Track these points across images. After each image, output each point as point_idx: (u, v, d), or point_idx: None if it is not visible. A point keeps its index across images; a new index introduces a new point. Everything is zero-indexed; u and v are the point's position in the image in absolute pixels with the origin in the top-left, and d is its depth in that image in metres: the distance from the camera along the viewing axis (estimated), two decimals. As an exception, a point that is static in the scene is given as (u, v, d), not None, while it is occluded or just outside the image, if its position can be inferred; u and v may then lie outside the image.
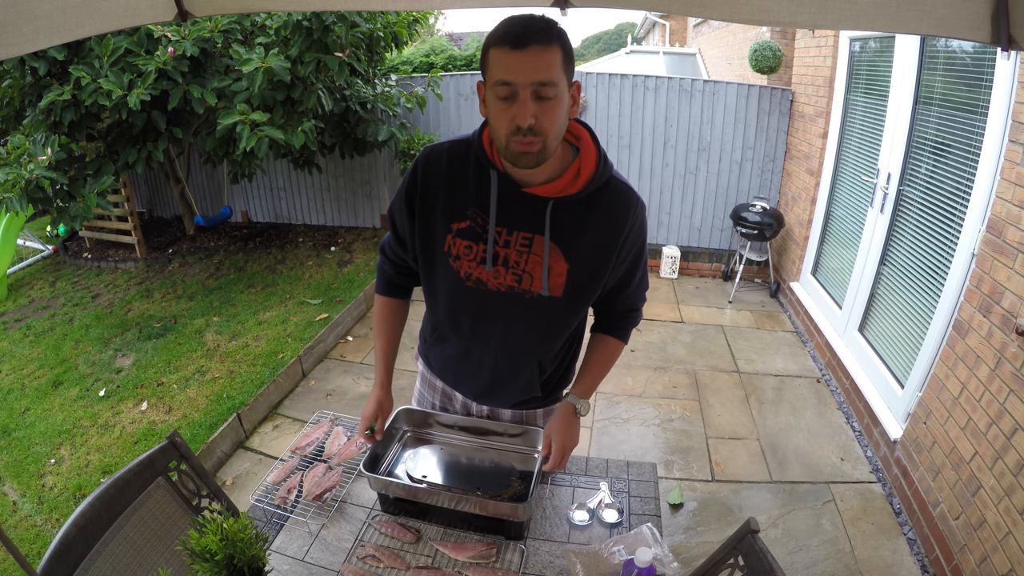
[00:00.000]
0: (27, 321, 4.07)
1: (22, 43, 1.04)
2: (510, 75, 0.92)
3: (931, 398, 2.29)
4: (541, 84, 0.92)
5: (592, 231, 1.10)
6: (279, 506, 1.34)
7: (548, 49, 0.91)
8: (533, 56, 0.91)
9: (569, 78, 0.97)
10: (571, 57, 0.97)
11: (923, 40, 2.67)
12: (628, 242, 1.13)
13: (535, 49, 0.91)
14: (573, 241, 1.10)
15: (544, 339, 1.23)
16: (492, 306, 1.17)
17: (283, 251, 5.11)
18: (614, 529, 1.30)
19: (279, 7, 1.76)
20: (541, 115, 0.94)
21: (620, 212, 1.10)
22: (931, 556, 2.13)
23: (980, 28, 0.98)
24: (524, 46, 0.90)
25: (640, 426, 2.93)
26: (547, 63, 0.92)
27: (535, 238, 1.09)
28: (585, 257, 1.11)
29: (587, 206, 1.09)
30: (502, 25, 0.94)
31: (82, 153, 3.97)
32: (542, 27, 0.92)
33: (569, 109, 1.00)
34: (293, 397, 3.20)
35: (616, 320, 1.31)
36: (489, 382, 1.32)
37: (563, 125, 1.00)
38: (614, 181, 1.11)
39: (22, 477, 2.55)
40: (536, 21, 0.93)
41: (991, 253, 2.01)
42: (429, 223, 1.15)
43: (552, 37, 0.92)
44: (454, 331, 1.27)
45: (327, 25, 3.56)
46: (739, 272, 4.45)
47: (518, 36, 0.91)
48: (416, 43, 10.09)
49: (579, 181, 1.07)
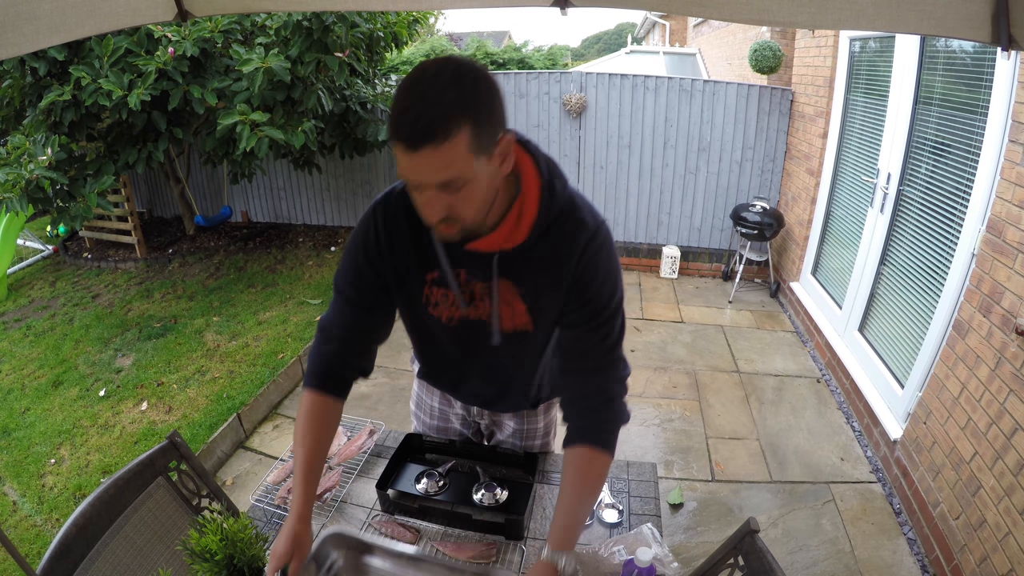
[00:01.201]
0: (27, 321, 4.07)
1: (22, 43, 1.05)
2: (409, 175, 0.82)
3: (931, 398, 2.29)
4: (446, 181, 0.81)
5: (537, 272, 1.01)
6: (279, 506, 1.34)
7: (449, 143, 0.77)
8: (427, 157, 0.78)
9: (489, 146, 0.83)
10: (488, 122, 0.81)
11: (923, 40, 2.67)
12: (581, 280, 1.00)
13: (428, 150, 0.78)
14: (525, 281, 1.03)
15: (524, 365, 1.24)
16: (476, 342, 1.11)
17: (283, 251, 5.11)
18: (614, 529, 1.30)
19: (279, 7, 1.76)
20: (453, 204, 0.84)
21: (566, 250, 0.99)
22: (931, 556, 2.13)
23: (980, 28, 0.98)
24: (416, 148, 0.78)
25: (640, 426, 2.93)
26: (445, 163, 0.79)
27: (491, 284, 1.03)
28: (538, 297, 1.04)
29: (534, 249, 0.99)
30: (398, 101, 0.79)
31: (82, 153, 3.97)
32: (437, 116, 0.77)
33: (499, 172, 0.88)
34: (293, 397, 3.20)
35: (587, 415, 1.07)
36: (482, 401, 1.39)
37: (487, 198, 0.89)
38: (567, 218, 0.98)
39: (22, 477, 2.55)
40: (432, 107, 0.77)
41: (991, 253, 2.01)
42: (403, 277, 1.08)
43: (454, 123, 0.77)
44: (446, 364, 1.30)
45: (327, 25, 3.56)
46: (739, 272, 4.45)
47: (408, 137, 0.78)
48: (416, 43, 10.08)
49: (522, 227, 0.96)
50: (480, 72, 0.82)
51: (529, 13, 77.09)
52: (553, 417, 1.50)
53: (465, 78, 0.80)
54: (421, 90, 0.79)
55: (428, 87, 0.79)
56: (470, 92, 0.80)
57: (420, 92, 0.79)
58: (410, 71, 0.82)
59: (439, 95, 0.78)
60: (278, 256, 5.00)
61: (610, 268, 1.02)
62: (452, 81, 0.79)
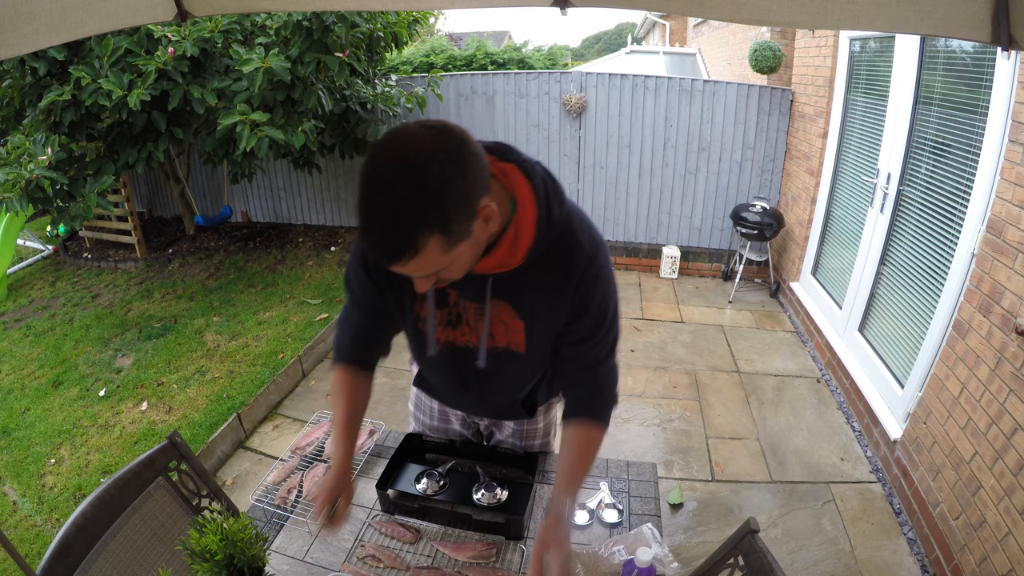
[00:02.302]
0: (27, 321, 4.07)
1: (22, 43, 1.05)
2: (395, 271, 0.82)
3: (931, 398, 2.29)
4: (427, 275, 0.84)
5: (534, 293, 1.02)
6: (279, 506, 1.34)
7: (417, 256, 0.77)
8: (403, 267, 0.79)
9: (466, 234, 0.80)
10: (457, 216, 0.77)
11: (923, 40, 2.67)
12: (581, 303, 1.02)
13: (401, 263, 0.78)
14: (521, 302, 1.04)
15: (517, 386, 1.25)
16: (463, 363, 1.13)
17: (283, 251, 5.11)
18: (614, 529, 1.30)
19: (279, 7, 1.76)
20: (444, 276, 0.87)
21: (562, 274, 0.99)
22: (931, 556, 2.13)
23: (980, 28, 0.98)
24: (391, 264, 0.78)
25: (640, 426, 2.93)
26: (421, 265, 0.79)
27: (485, 306, 1.04)
28: (537, 316, 1.05)
29: (530, 271, 0.98)
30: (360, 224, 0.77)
31: (82, 153, 3.97)
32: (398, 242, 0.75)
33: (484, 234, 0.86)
34: (293, 397, 3.20)
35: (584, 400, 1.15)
36: (479, 410, 1.40)
37: (472, 260, 0.90)
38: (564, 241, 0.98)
39: (22, 477, 2.55)
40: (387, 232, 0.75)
41: (991, 253, 2.01)
42: (397, 294, 1.09)
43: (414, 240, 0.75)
44: (438, 378, 1.30)
45: (327, 25, 3.56)
46: (739, 272, 4.45)
47: (380, 258, 0.78)
48: (416, 43, 10.09)
49: (518, 250, 0.94)
50: (441, 158, 0.74)
51: (529, 13, 76.95)
52: (553, 417, 1.50)
53: (425, 182, 0.73)
54: (381, 209, 0.74)
55: (387, 203, 0.73)
56: (433, 200, 0.74)
57: (377, 209, 0.74)
58: (370, 154, 0.77)
59: (396, 214, 0.73)
60: (278, 256, 5.00)
61: (607, 286, 1.04)
62: (411, 190, 0.73)
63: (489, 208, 0.82)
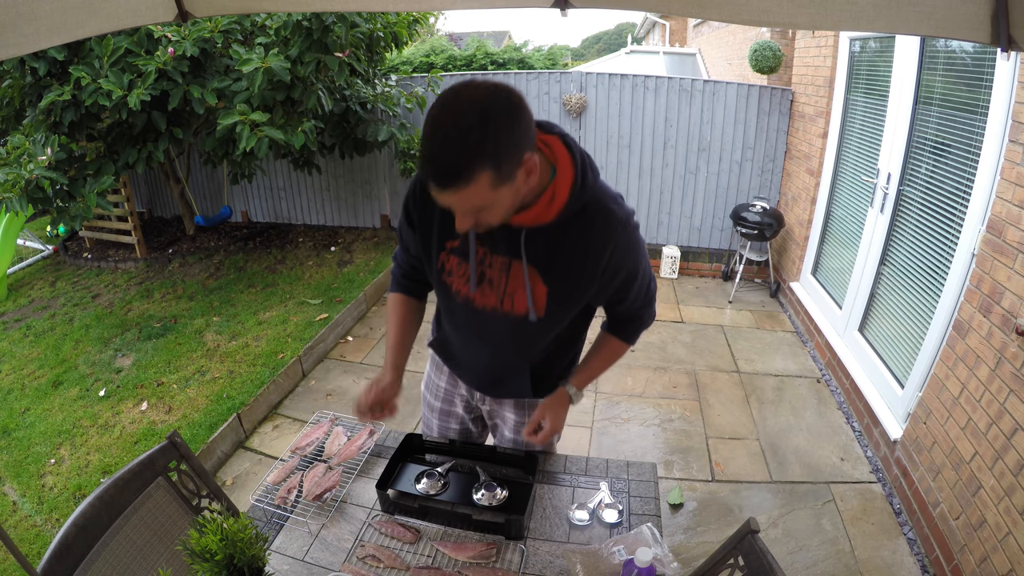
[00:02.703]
0: (27, 321, 4.07)
1: (22, 43, 1.05)
2: (439, 201, 0.93)
3: (931, 398, 2.29)
4: (473, 209, 0.93)
5: (568, 255, 1.09)
6: (279, 506, 1.34)
7: (467, 187, 0.87)
8: (452, 195, 0.89)
9: (512, 176, 0.91)
10: (508, 159, 0.88)
11: (923, 40, 2.67)
12: (612, 265, 1.10)
13: (451, 192, 0.88)
14: (550, 265, 1.10)
15: (530, 351, 1.29)
16: (480, 322, 1.21)
17: (283, 251, 5.11)
18: (614, 529, 1.30)
19: (279, 7, 1.76)
20: (481, 219, 0.97)
21: (597, 238, 1.07)
22: (931, 556, 2.13)
23: (980, 28, 0.98)
24: (443, 189, 0.88)
25: (640, 426, 2.93)
26: (468, 198, 0.89)
27: (513, 263, 1.11)
28: (563, 280, 1.11)
29: (563, 230, 1.07)
30: (422, 141, 0.88)
31: (82, 153, 3.97)
32: (458, 163, 0.85)
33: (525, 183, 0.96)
34: (293, 397, 3.21)
35: (623, 323, 1.32)
36: (487, 379, 1.40)
37: (510, 209, 0.99)
38: (593, 205, 1.06)
39: (22, 477, 2.55)
40: (453, 156, 0.85)
41: (991, 253, 2.01)
42: (427, 240, 1.19)
43: (474, 168, 0.85)
44: (455, 331, 1.34)
45: (327, 25, 3.56)
46: (739, 272, 4.45)
47: (435, 181, 0.88)
48: (416, 43, 10.08)
49: (552, 208, 1.04)
50: (502, 106, 0.87)
51: (529, 13, 76.95)
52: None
53: (489, 122, 0.85)
54: (445, 135, 0.85)
55: (452, 132, 0.85)
56: (492, 137, 0.85)
57: (444, 137, 0.85)
58: (435, 102, 0.88)
59: (462, 142, 0.84)
60: (278, 256, 5.00)
61: (640, 249, 1.14)
62: (476, 125, 0.84)
63: (532, 161, 0.93)
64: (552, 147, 1.05)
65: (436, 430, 1.58)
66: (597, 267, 1.09)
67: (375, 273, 4.54)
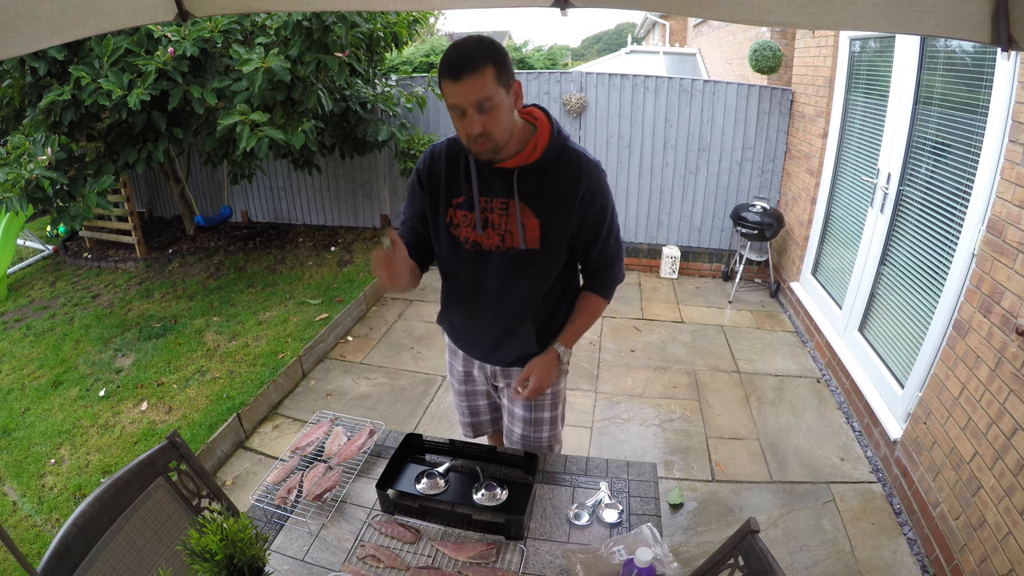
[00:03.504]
0: (27, 321, 4.07)
1: (22, 43, 1.05)
2: (455, 100, 1.17)
3: (931, 398, 2.29)
4: (480, 101, 1.16)
5: (552, 190, 1.32)
6: (279, 506, 1.34)
7: (480, 74, 1.13)
8: (467, 83, 1.14)
9: (507, 84, 1.19)
10: (505, 67, 1.18)
11: (923, 40, 2.67)
12: (587, 197, 1.33)
13: (468, 78, 1.13)
14: (538, 199, 1.32)
15: (533, 290, 1.42)
16: (487, 264, 1.39)
17: (283, 251, 5.11)
18: (614, 529, 1.30)
19: (279, 7, 1.76)
20: (487, 123, 1.19)
21: (573, 173, 1.32)
22: (931, 556, 2.13)
23: (980, 28, 0.98)
24: (459, 77, 1.13)
25: (640, 426, 2.93)
26: (480, 85, 1.14)
27: (509, 202, 1.33)
28: (551, 211, 1.33)
29: (546, 170, 1.32)
30: (445, 57, 1.16)
31: (82, 153, 3.97)
32: (472, 56, 1.14)
33: (514, 106, 1.24)
34: (293, 397, 3.20)
35: (596, 277, 1.50)
36: (494, 342, 1.51)
37: (508, 123, 1.23)
38: (568, 151, 1.34)
39: (22, 477, 2.55)
40: (468, 52, 1.14)
41: (991, 253, 2.01)
42: (436, 201, 1.41)
43: (483, 62, 1.13)
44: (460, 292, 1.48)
45: (327, 25, 3.56)
46: (739, 272, 4.45)
47: (453, 70, 1.14)
48: (416, 43, 10.08)
49: (536, 152, 1.31)
50: (495, 41, 1.19)
51: (529, 13, 76.90)
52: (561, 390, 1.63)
53: (486, 40, 1.18)
54: (458, 45, 1.17)
55: (464, 43, 1.16)
56: (492, 46, 1.17)
57: (459, 46, 1.16)
58: (452, 46, 1.18)
59: (472, 47, 1.16)
60: (278, 256, 5.00)
61: (609, 194, 1.38)
62: (479, 40, 1.17)
63: (518, 84, 1.24)
64: (534, 114, 1.35)
65: (467, 414, 1.76)
66: (575, 198, 1.32)
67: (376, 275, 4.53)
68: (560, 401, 1.65)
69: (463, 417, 1.78)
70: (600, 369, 3.45)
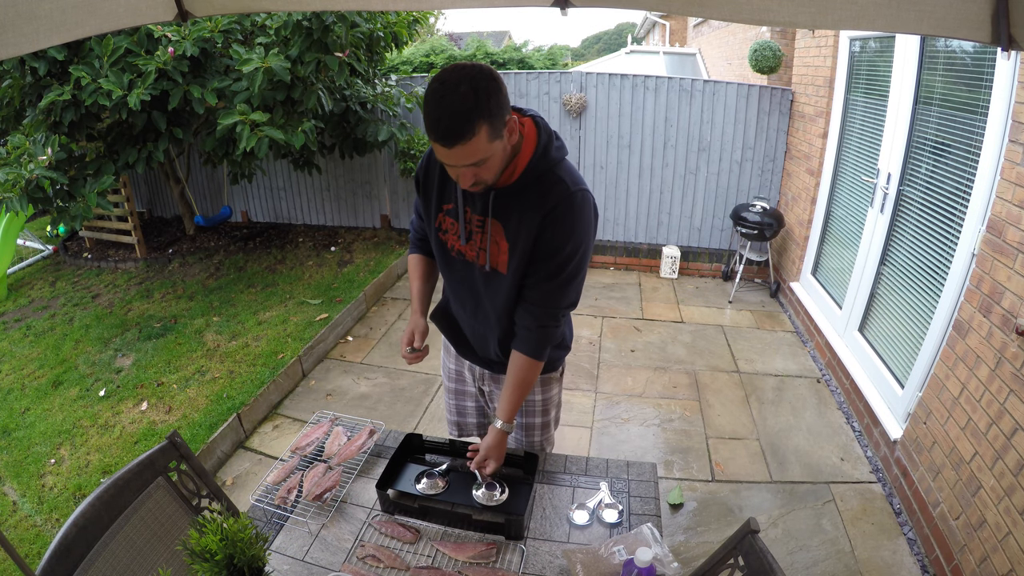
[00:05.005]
0: (27, 321, 4.07)
1: (22, 43, 1.05)
2: (447, 161, 1.12)
3: (931, 398, 2.29)
4: (473, 163, 1.10)
5: (521, 213, 1.25)
6: (279, 506, 1.34)
7: (472, 140, 1.06)
8: (458, 151, 1.07)
9: (501, 132, 1.11)
10: (499, 117, 1.09)
11: (923, 40, 2.67)
12: (550, 221, 1.23)
13: (458, 147, 1.06)
14: (509, 222, 1.27)
15: (502, 309, 1.38)
16: (467, 274, 1.39)
17: (283, 251, 5.11)
18: (614, 529, 1.30)
19: (279, 7, 1.76)
20: (480, 173, 1.14)
21: (544, 199, 1.23)
22: (931, 556, 2.13)
23: (980, 28, 0.98)
24: (449, 145, 1.06)
25: (640, 426, 2.93)
26: (471, 151, 1.08)
27: (485, 220, 1.29)
28: (518, 235, 1.27)
29: (524, 193, 1.25)
30: (433, 111, 1.05)
31: (82, 153, 3.96)
32: (462, 121, 1.04)
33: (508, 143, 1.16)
34: (293, 397, 3.20)
35: (527, 331, 1.35)
36: (467, 341, 1.55)
37: (503, 165, 1.18)
38: (549, 174, 1.24)
39: (22, 477, 2.55)
40: (457, 115, 1.04)
41: (991, 253, 2.01)
42: (429, 204, 1.40)
43: (475, 125, 1.05)
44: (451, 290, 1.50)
45: (327, 25, 3.56)
46: (739, 272, 4.45)
47: (444, 137, 1.06)
48: (416, 43, 10.07)
49: (515, 175, 1.25)
50: (487, 76, 1.07)
51: (529, 13, 76.89)
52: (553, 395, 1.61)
53: (478, 88, 1.05)
54: (447, 102, 1.05)
55: (451, 98, 1.04)
56: (483, 98, 1.05)
57: (446, 103, 1.05)
58: (432, 82, 1.07)
59: (461, 105, 1.04)
60: (278, 256, 5.00)
61: (576, 229, 1.24)
62: (469, 91, 1.04)
63: (512, 122, 1.16)
64: (526, 126, 1.26)
65: (454, 412, 1.74)
66: (536, 222, 1.23)
67: (375, 273, 4.54)
68: (552, 407, 1.64)
69: (450, 415, 1.78)
70: (600, 369, 3.45)
